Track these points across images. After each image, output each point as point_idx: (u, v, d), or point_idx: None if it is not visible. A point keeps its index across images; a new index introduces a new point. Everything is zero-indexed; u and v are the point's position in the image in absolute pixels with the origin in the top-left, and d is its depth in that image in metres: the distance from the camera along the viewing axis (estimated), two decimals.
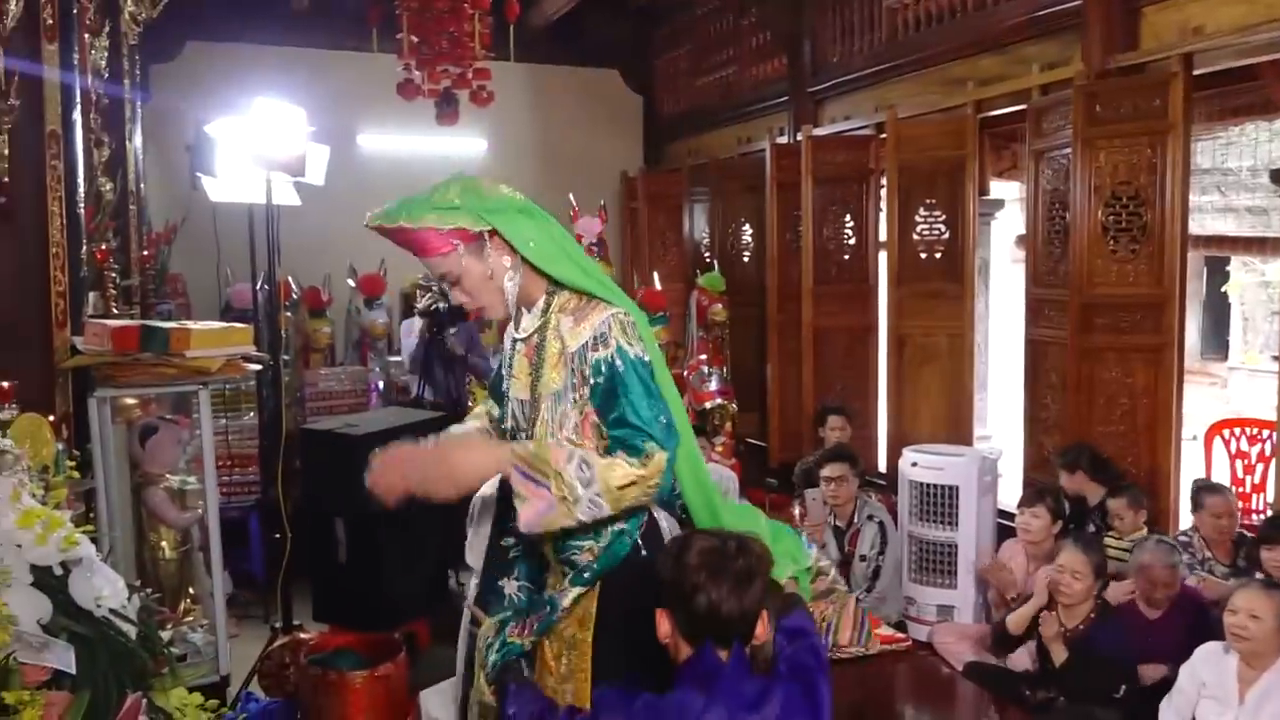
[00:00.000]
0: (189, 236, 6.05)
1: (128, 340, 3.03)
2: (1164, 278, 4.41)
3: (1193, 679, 3.06)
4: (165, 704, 1.72)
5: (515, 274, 1.97)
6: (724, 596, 1.70)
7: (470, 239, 1.94)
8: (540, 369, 1.98)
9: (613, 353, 1.89)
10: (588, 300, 1.97)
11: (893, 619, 4.44)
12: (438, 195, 1.93)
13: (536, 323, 2.01)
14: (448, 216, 1.90)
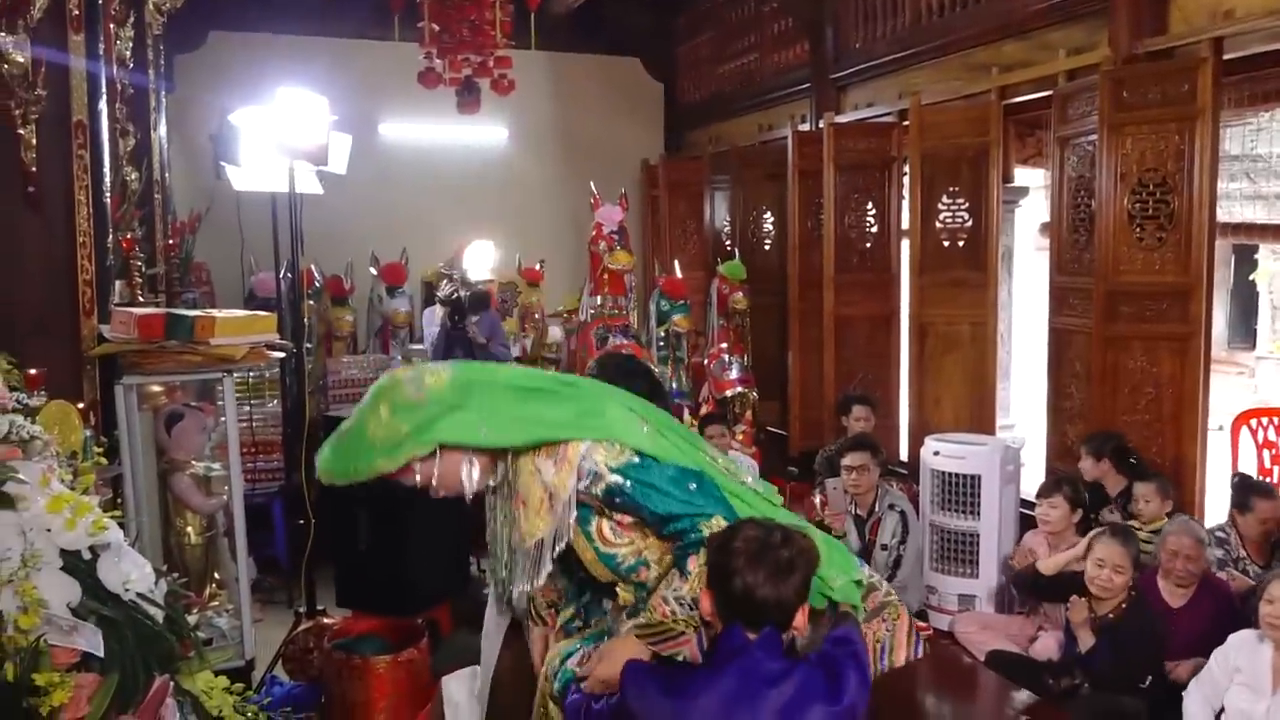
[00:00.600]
0: (213, 225, 6.10)
1: (153, 328, 3.06)
2: (1191, 265, 4.35)
3: (1225, 665, 3.04)
4: (192, 687, 1.74)
5: (472, 462, 1.96)
6: (760, 582, 1.73)
7: (422, 459, 1.90)
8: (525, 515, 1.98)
9: (611, 481, 1.92)
10: (554, 444, 1.94)
11: (913, 608, 4.42)
12: (378, 431, 1.88)
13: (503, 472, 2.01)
14: (397, 454, 1.87)
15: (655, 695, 1.77)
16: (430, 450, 1.89)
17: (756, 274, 7.24)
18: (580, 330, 6.34)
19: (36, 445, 1.56)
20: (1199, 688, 3.10)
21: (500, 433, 1.92)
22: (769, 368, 7.21)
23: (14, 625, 1.31)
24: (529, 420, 1.94)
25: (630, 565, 2.04)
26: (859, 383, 6.47)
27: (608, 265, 5.74)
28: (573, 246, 8.05)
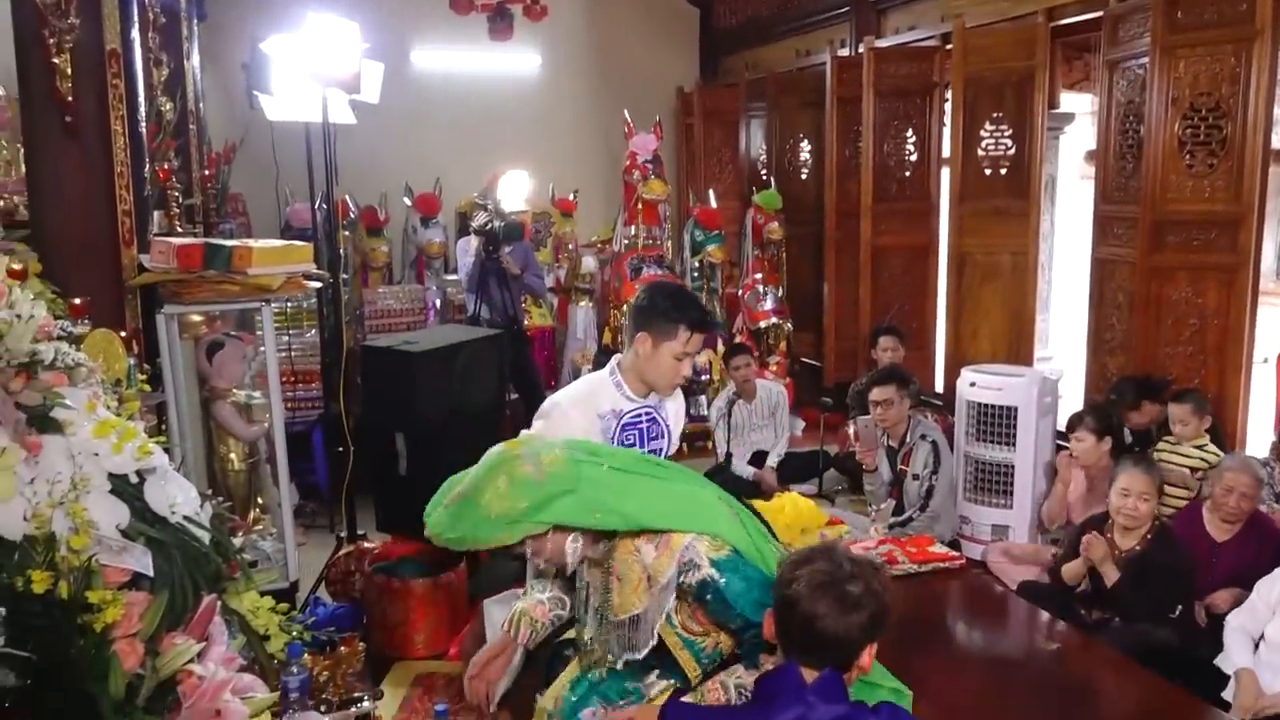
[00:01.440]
0: (248, 156, 6.10)
1: (192, 258, 3.09)
2: (1242, 194, 4.23)
3: (1268, 598, 3.03)
4: (239, 606, 1.79)
5: (578, 539, 2.03)
6: (821, 613, 1.66)
7: (535, 538, 1.99)
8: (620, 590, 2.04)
9: (708, 574, 1.94)
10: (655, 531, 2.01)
11: (946, 538, 4.44)
12: (495, 504, 1.94)
13: (603, 551, 2.07)
14: (515, 530, 1.94)
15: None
16: (545, 530, 1.97)
17: (792, 204, 7.15)
18: (614, 261, 6.32)
19: (81, 372, 1.58)
20: (1239, 618, 3.09)
21: (611, 518, 1.98)
22: (804, 299, 7.16)
23: (66, 546, 1.35)
24: (640, 509, 2.00)
25: (710, 655, 2.06)
26: (895, 314, 6.40)
27: (642, 195, 5.70)
28: (607, 176, 7.98)
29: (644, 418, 2.66)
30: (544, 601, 2.31)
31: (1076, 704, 2.96)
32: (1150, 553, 3.42)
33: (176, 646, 1.43)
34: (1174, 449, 4.09)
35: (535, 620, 2.29)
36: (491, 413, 4.12)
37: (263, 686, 1.61)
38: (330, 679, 2.66)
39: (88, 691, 1.33)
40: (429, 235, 6.68)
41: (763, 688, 1.70)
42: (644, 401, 2.65)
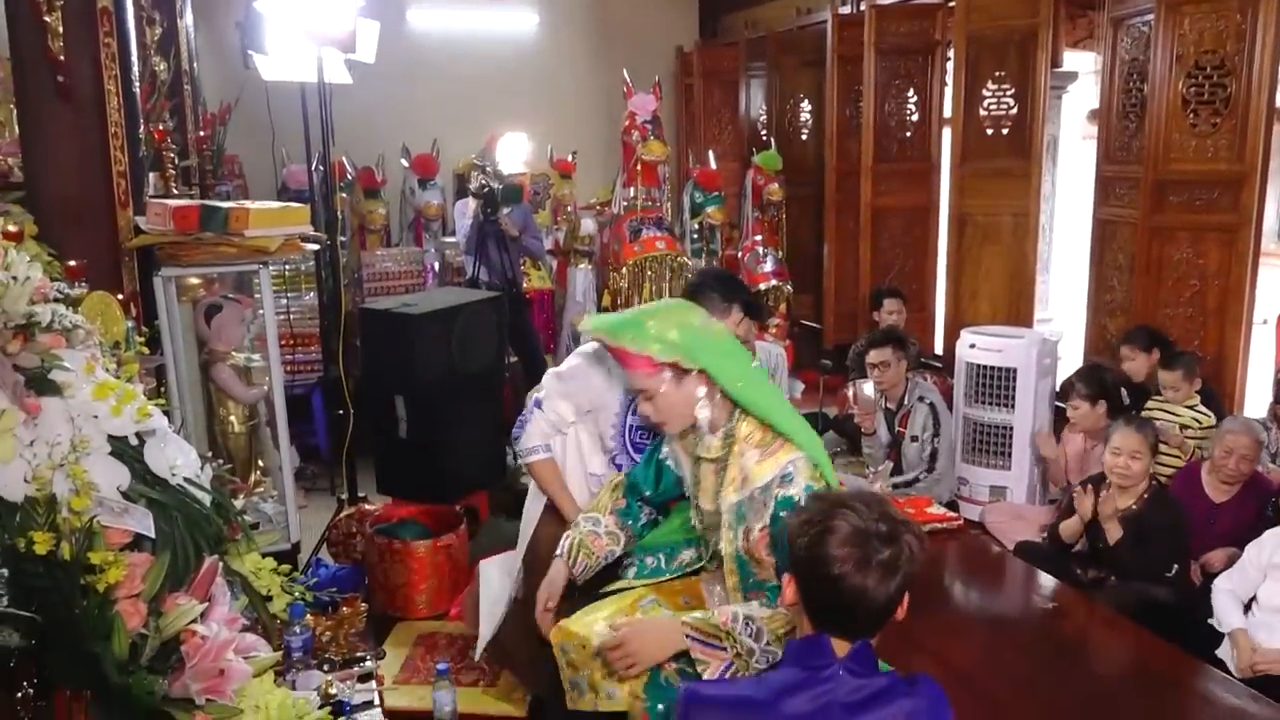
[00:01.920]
0: (243, 117, 6.04)
1: (188, 220, 3.07)
2: (1246, 153, 4.20)
3: (1258, 560, 3.04)
4: (241, 567, 1.81)
5: (707, 404, 2.10)
6: (859, 586, 1.50)
7: (679, 370, 2.07)
8: (722, 488, 2.12)
9: (798, 491, 1.99)
10: (773, 436, 2.07)
11: (944, 499, 4.46)
12: (657, 328, 2.09)
13: (721, 449, 2.13)
14: (667, 351, 2.05)
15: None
16: (688, 367, 2.06)
17: (792, 165, 7.10)
18: (613, 223, 6.29)
19: (79, 334, 1.58)
20: (1229, 580, 3.11)
21: (750, 393, 2.06)
22: (804, 261, 7.13)
23: (67, 507, 1.35)
24: (773, 407, 2.08)
25: (754, 583, 2.08)
26: (895, 275, 6.39)
27: (641, 156, 5.65)
28: (605, 137, 7.91)
29: None
30: (600, 535, 2.35)
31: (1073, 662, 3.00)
32: (1147, 513, 3.45)
33: (179, 607, 1.44)
34: (1163, 407, 4.11)
35: (592, 553, 2.32)
36: (491, 375, 4.12)
37: (266, 646, 1.62)
38: (333, 639, 2.69)
39: (92, 651, 1.35)
40: (427, 197, 6.64)
41: (791, 660, 1.59)
42: None
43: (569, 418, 2.68)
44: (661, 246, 5.61)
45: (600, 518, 2.39)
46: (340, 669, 2.51)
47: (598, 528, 2.36)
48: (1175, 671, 2.88)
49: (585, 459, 2.75)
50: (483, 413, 4.06)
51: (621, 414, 2.67)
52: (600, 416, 2.68)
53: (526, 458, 2.74)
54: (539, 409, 2.69)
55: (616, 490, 2.45)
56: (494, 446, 4.24)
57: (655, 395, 2.10)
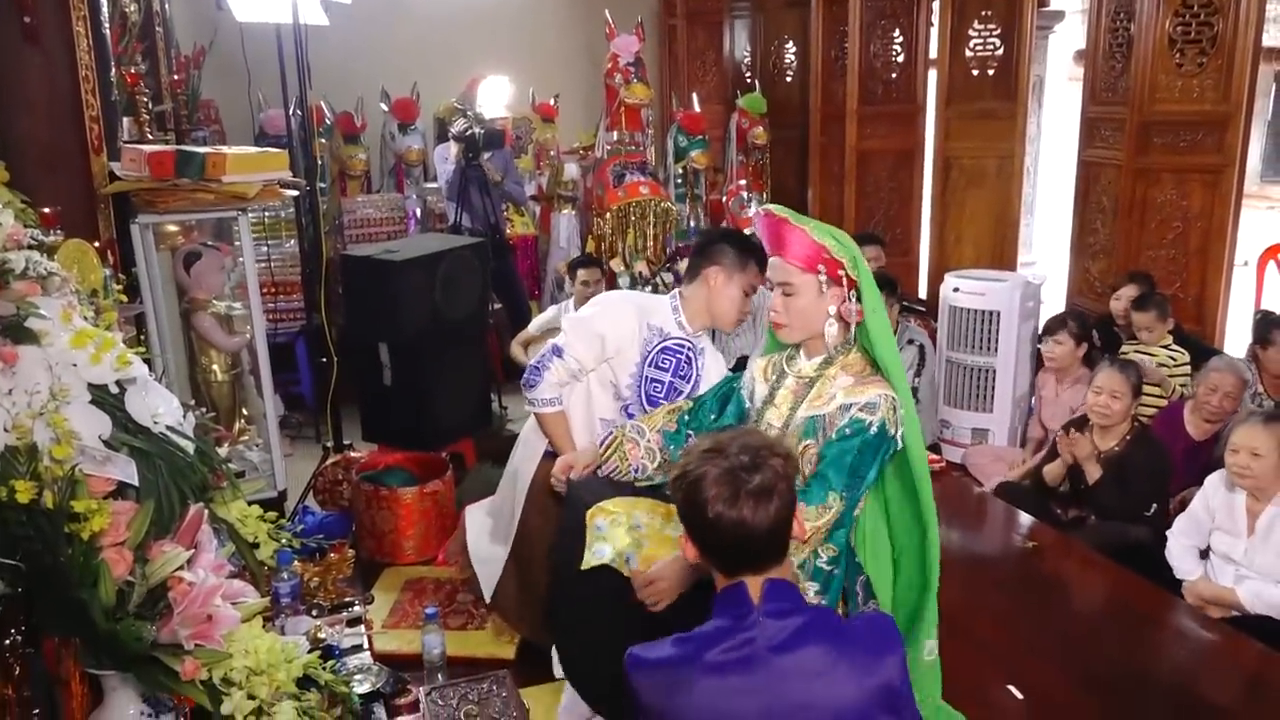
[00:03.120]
0: (218, 60, 5.92)
1: (164, 166, 3.01)
2: (1231, 93, 4.19)
3: (1206, 508, 3.08)
4: (227, 515, 1.80)
5: (835, 324, 2.07)
6: (737, 518, 1.52)
7: (834, 275, 2.05)
8: (800, 403, 2.10)
9: (874, 421, 1.98)
10: (873, 371, 2.07)
11: (926, 441, 4.50)
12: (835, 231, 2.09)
13: (816, 369, 2.11)
14: (840, 249, 2.05)
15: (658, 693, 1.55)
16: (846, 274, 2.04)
17: (777, 107, 7.03)
18: (596, 167, 6.22)
19: (55, 282, 1.56)
20: (1182, 530, 3.14)
21: (878, 329, 2.06)
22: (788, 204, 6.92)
23: (49, 456, 1.34)
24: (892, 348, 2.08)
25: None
26: (879, 220, 6.37)
27: (624, 99, 5.58)
28: (588, 79, 7.80)
29: (685, 350, 2.71)
30: (640, 447, 2.34)
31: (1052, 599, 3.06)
32: (1129, 453, 3.49)
33: (165, 554, 1.44)
34: (1137, 348, 4.15)
35: (625, 458, 2.32)
36: (475, 322, 4.11)
37: (254, 592, 1.63)
38: (321, 584, 2.71)
39: (79, 598, 1.35)
40: (407, 142, 6.54)
41: (715, 613, 1.58)
42: (690, 337, 2.71)
43: (590, 365, 2.66)
44: (645, 191, 5.57)
45: (647, 430, 2.36)
46: (329, 614, 2.53)
47: (640, 438, 2.34)
48: (1151, 607, 2.94)
49: (593, 404, 2.75)
50: (467, 359, 4.05)
51: (640, 363, 2.67)
52: (618, 362, 2.68)
53: (539, 407, 2.71)
54: (559, 356, 2.66)
55: (672, 414, 2.43)
56: (479, 393, 4.24)
57: (796, 293, 2.07)
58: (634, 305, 2.70)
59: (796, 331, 2.11)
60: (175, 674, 1.39)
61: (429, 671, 2.61)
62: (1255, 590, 2.87)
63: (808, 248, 2.05)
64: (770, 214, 2.13)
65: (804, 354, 2.15)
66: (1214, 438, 3.62)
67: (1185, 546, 3.11)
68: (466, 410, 4.09)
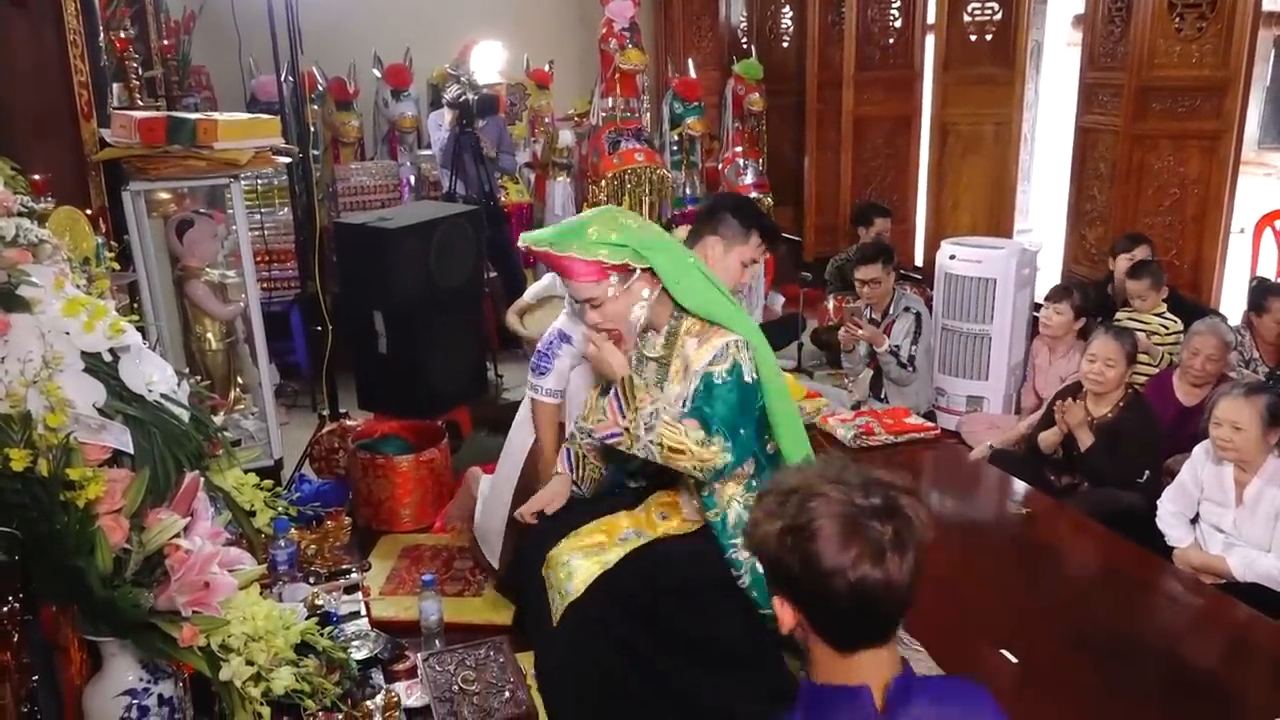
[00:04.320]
0: (209, 25, 5.85)
1: (155, 132, 2.98)
2: (1230, 58, 4.16)
3: (1194, 478, 3.08)
4: (223, 483, 1.81)
5: (647, 303, 2.15)
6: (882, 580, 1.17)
7: (625, 271, 2.11)
8: (664, 382, 2.21)
9: (725, 369, 2.09)
10: (711, 325, 2.15)
11: (922, 409, 4.51)
12: (598, 232, 2.12)
13: (664, 346, 2.21)
14: (616, 253, 2.09)
15: None
16: (634, 266, 2.10)
17: (774, 73, 6.97)
18: (591, 135, 6.18)
19: (46, 249, 1.54)
20: (1172, 501, 3.15)
21: (691, 292, 2.14)
22: (784, 172, 7.06)
23: (43, 424, 1.34)
24: (709, 291, 2.16)
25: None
26: (875, 189, 6.34)
27: (619, 65, 5.52)
28: (582, 45, 7.72)
29: None
30: (594, 443, 2.39)
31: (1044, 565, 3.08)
32: (1122, 420, 3.50)
33: (161, 522, 1.44)
34: (1132, 315, 4.16)
35: (596, 466, 2.42)
36: (470, 290, 4.09)
37: (251, 560, 1.64)
38: (318, 552, 2.72)
39: (76, 566, 1.35)
40: (401, 109, 6.48)
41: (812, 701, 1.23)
42: None
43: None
44: (640, 159, 5.53)
45: (587, 425, 2.40)
46: (326, 581, 2.55)
47: (592, 437, 2.37)
48: (1143, 573, 2.96)
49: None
50: (462, 328, 4.04)
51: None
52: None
53: (542, 396, 2.77)
54: (568, 343, 2.69)
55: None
56: (475, 361, 4.24)
57: (603, 303, 2.14)
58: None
59: (629, 329, 2.19)
60: (173, 640, 1.40)
61: (426, 638, 2.63)
62: (1246, 559, 2.89)
63: (587, 266, 2.11)
64: (534, 252, 2.18)
65: (654, 331, 2.24)
66: (1203, 403, 3.63)
67: (1175, 514, 3.13)
68: (462, 378, 4.09)
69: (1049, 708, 2.34)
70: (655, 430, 2.07)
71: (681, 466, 2.08)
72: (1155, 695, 2.41)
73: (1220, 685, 2.47)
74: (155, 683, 1.56)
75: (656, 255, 2.11)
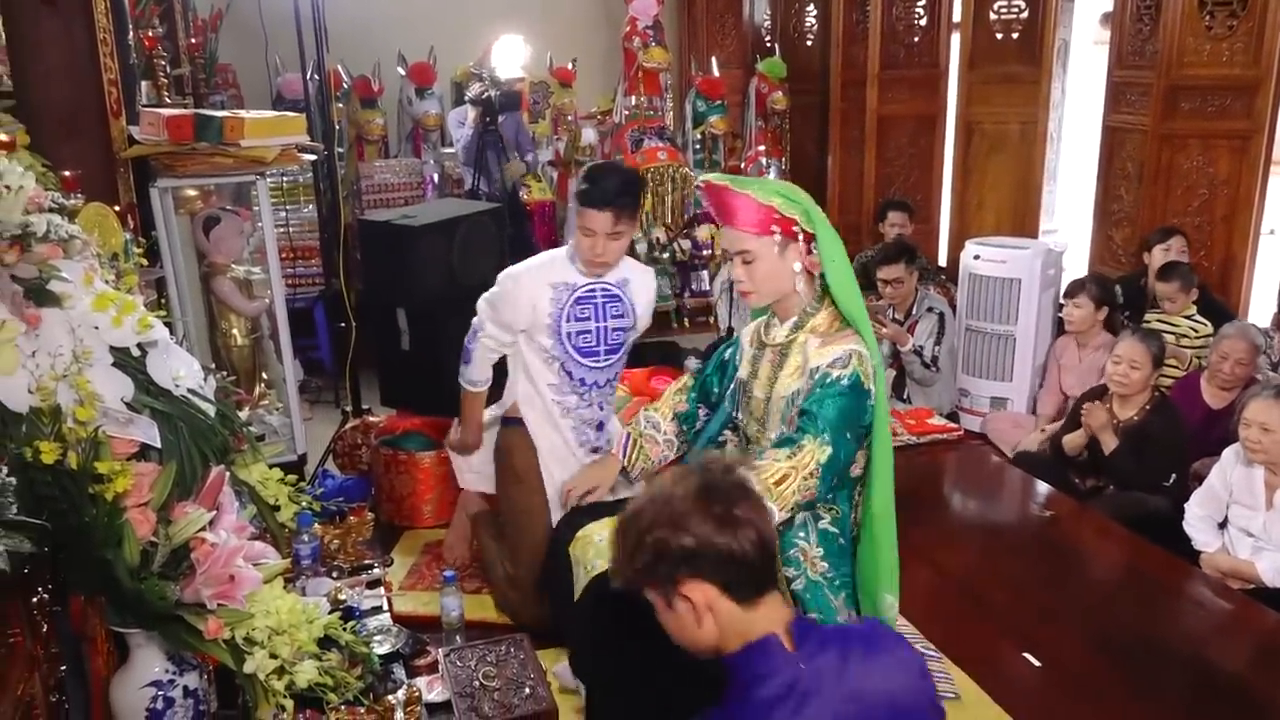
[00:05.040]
0: (235, 24, 5.90)
1: (182, 130, 3.01)
2: (1261, 57, 4.11)
3: (1223, 481, 3.06)
4: (248, 478, 1.82)
5: (800, 281, 2.08)
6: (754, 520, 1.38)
7: (789, 233, 2.04)
8: (778, 375, 2.12)
9: (844, 375, 1.99)
10: (840, 328, 2.08)
11: (945, 410, 4.49)
12: (778, 187, 2.07)
13: (787, 335, 2.13)
14: (789, 206, 2.02)
15: None
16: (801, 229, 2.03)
17: (797, 72, 6.95)
18: (614, 133, 6.18)
19: (76, 245, 1.56)
20: (1200, 504, 3.12)
21: (839, 278, 2.05)
22: (808, 171, 7.03)
23: (72, 417, 1.36)
24: (856, 296, 2.08)
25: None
26: (899, 187, 6.30)
27: (642, 63, 5.52)
28: (606, 43, 7.72)
29: (599, 293, 2.74)
30: (659, 441, 2.42)
31: (1069, 568, 3.05)
32: (1149, 422, 3.47)
33: (188, 515, 1.46)
34: (1160, 318, 4.11)
35: (648, 457, 2.41)
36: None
37: (275, 554, 1.65)
38: (341, 547, 2.74)
39: (104, 558, 1.37)
40: (425, 107, 6.51)
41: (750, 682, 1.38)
42: (600, 278, 2.72)
43: (506, 339, 2.77)
44: (663, 157, 5.53)
45: (661, 421, 2.44)
46: (349, 576, 2.56)
47: (657, 432, 2.43)
48: (1169, 577, 2.94)
49: (533, 373, 2.81)
50: None
51: (554, 323, 2.71)
52: (535, 330, 2.74)
53: (468, 385, 2.85)
54: (479, 338, 2.77)
55: (681, 393, 2.48)
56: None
57: (756, 259, 2.07)
58: (532, 273, 2.73)
59: (765, 296, 2.13)
60: (199, 633, 1.41)
61: (447, 633, 2.64)
62: (1276, 563, 2.85)
63: (756, 211, 2.04)
64: (710, 184, 2.11)
65: (778, 319, 2.17)
66: (1231, 406, 3.59)
67: (1203, 518, 3.09)
68: None
69: (1072, 712, 2.33)
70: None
71: (794, 496, 1.92)
72: (1180, 701, 2.38)
73: (1248, 692, 2.44)
74: (180, 674, 1.58)
75: (821, 228, 2.05)
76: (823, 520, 2.10)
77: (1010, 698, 2.35)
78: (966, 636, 2.60)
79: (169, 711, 1.56)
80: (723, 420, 2.32)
